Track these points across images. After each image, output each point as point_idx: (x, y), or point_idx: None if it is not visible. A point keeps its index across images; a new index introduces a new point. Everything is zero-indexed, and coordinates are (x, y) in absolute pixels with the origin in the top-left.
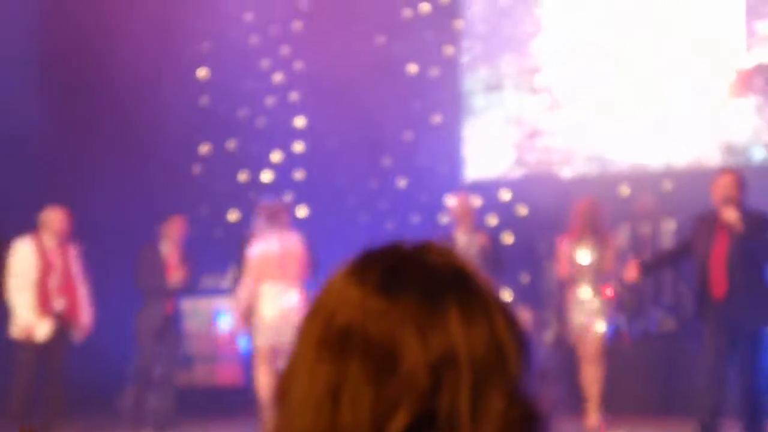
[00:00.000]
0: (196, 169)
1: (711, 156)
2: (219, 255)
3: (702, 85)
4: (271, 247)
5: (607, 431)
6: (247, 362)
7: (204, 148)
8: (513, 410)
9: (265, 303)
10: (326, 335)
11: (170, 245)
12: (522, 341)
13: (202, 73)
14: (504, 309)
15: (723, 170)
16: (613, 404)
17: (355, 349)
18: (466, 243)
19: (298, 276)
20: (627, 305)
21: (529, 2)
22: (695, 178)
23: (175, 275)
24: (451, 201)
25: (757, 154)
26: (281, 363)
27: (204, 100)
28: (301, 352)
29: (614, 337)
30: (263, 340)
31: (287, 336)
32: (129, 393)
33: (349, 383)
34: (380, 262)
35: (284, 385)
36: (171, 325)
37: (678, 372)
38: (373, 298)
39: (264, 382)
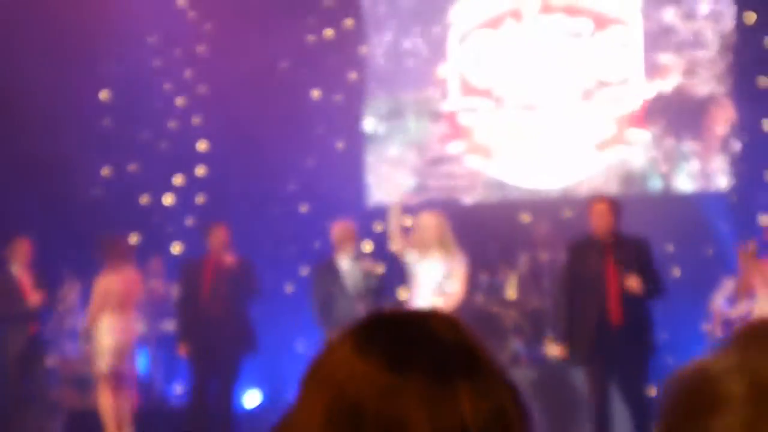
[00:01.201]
0: (97, 191)
1: (610, 185)
2: None
3: (601, 115)
4: (112, 280)
5: None
6: (145, 384)
7: (105, 171)
8: None
9: (104, 333)
10: (335, 411)
11: (19, 268)
12: (525, 412)
13: (103, 95)
14: (508, 380)
15: (596, 198)
16: None
17: (367, 428)
18: (348, 268)
19: (133, 308)
20: (525, 330)
21: (432, 31)
22: None
23: (33, 297)
24: (333, 227)
25: (655, 184)
26: (123, 387)
27: (106, 122)
28: (305, 424)
29: (511, 362)
30: (103, 366)
31: (125, 362)
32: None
33: None
34: (390, 336)
35: None
36: (36, 348)
37: (575, 399)
38: (382, 375)
39: (106, 404)
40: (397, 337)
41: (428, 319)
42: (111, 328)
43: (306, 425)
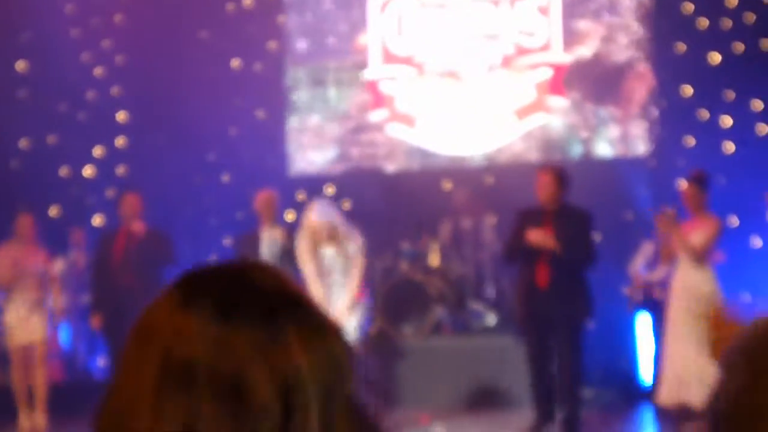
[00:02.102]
0: (15, 163)
1: (530, 152)
2: None
3: (521, 81)
4: (14, 255)
5: (428, 426)
6: (69, 360)
7: (23, 143)
8: (359, 428)
9: (12, 309)
10: (167, 372)
11: None
12: (352, 356)
13: (20, 65)
14: (334, 326)
15: (542, 168)
16: (433, 398)
17: (203, 385)
18: (268, 238)
19: (36, 285)
20: (448, 298)
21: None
22: (515, 173)
23: None
24: (256, 197)
25: (575, 150)
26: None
27: (22, 93)
28: (136, 388)
29: (435, 330)
30: (12, 342)
31: (31, 337)
32: None
33: (204, 419)
34: (212, 288)
35: (116, 420)
36: None
37: (498, 366)
38: (211, 328)
39: (18, 379)
40: (220, 288)
41: (248, 269)
42: (15, 305)
43: (138, 389)
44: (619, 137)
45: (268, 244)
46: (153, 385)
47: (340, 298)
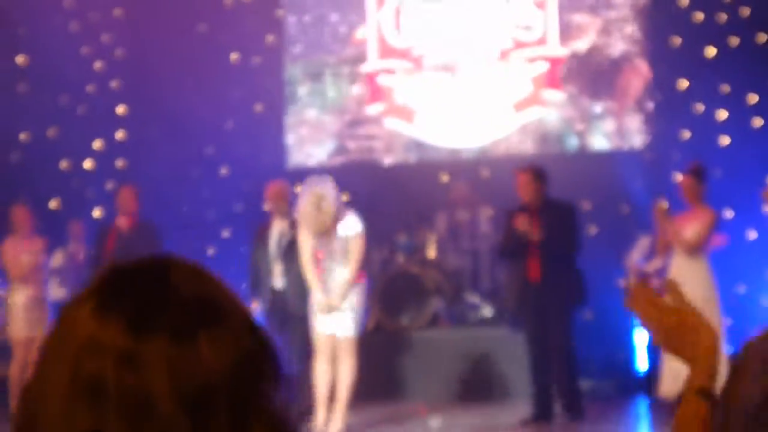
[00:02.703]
0: (16, 156)
1: (527, 145)
2: None
3: (518, 75)
4: (16, 248)
5: (425, 417)
6: None
7: (23, 136)
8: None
9: (14, 300)
10: (76, 384)
11: None
12: (270, 352)
13: (20, 59)
14: (249, 322)
15: (519, 169)
16: (430, 390)
17: (109, 398)
18: (277, 230)
19: (36, 276)
20: (445, 290)
21: None
22: (512, 166)
23: None
24: (267, 188)
25: (571, 143)
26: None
27: (23, 87)
28: (48, 391)
29: (432, 322)
30: (14, 332)
31: (35, 330)
32: None
33: (111, 430)
34: (130, 297)
35: (29, 421)
36: None
37: (495, 358)
38: (121, 341)
39: (16, 374)
40: (138, 298)
41: (169, 270)
42: (17, 296)
43: (49, 393)
44: (615, 130)
45: (277, 236)
46: (63, 392)
47: (339, 277)
